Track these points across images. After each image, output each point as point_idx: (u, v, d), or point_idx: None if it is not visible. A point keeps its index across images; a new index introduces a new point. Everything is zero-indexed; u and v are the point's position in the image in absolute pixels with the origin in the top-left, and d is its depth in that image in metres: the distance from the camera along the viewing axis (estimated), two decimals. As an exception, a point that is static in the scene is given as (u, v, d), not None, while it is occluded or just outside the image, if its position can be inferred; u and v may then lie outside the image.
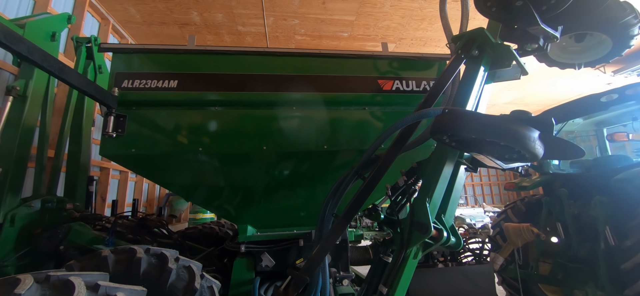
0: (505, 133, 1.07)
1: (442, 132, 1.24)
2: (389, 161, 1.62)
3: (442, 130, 1.23)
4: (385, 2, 5.84)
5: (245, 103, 2.06)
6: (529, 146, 1.07)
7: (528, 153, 1.11)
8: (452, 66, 1.71)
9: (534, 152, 1.10)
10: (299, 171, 2.22)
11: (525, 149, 1.09)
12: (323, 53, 2.16)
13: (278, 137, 2.03)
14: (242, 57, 2.11)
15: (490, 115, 1.16)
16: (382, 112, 2.18)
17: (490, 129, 1.09)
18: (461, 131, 1.17)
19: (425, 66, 2.31)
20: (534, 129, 1.08)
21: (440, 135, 1.28)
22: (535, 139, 1.08)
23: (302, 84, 2.10)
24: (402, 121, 1.52)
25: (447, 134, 1.25)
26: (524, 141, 1.06)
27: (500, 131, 1.08)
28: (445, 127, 1.21)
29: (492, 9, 1.63)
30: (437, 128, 1.25)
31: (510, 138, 1.07)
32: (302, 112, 2.09)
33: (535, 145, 1.09)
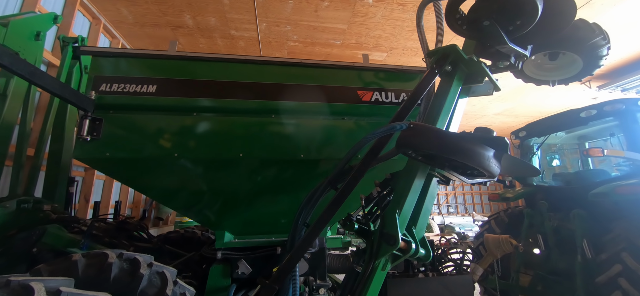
0: (461, 151, 1.09)
1: (406, 146, 1.26)
2: (361, 172, 1.64)
3: (406, 145, 1.25)
4: (377, 13, 5.93)
5: (223, 110, 2.06)
6: (484, 164, 1.10)
7: (484, 171, 1.14)
8: (426, 80, 1.74)
9: (489, 170, 1.13)
10: (276, 179, 2.22)
11: (480, 167, 1.11)
12: (302, 62, 2.19)
13: (255, 145, 2.04)
14: (220, 64, 2.12)
15: (450, 133, 1.19)
16: (361, 123, 2.21)
17: (448, 147, 1.11)
18: (421, 147, 1.20)
19: (405, 78, 2.35)
20: (490, 148, 1.11)
21: (405, 149, 1.30)
22: (490, 158, 1.11)
23: (281, 92, 2.12)
24: (373, 134, 1.55)
25: (411, 149, 1.28)
26: (478, 160, 1.09)
27: (456, 149, 1.10)
28: (408, 142, 1.23)
29: (463, 27, 1.67)
30: (401, 143, 1.27)
31: (466, 156, 1.10)
32: (280, 121, 2.10)
33: (490, 164, 1.12)
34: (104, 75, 2.02)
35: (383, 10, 5.86)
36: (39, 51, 3.23)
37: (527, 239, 3.93)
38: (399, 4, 5.73)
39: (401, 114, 1.71)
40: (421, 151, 1.26)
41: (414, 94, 1.74)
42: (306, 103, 2.14)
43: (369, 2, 5.73)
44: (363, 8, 5.83)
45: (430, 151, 1.18)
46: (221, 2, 5.62)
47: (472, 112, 11.68)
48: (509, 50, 1.61)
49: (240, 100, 2.09)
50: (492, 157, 1.12)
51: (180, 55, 2.09)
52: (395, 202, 1.66)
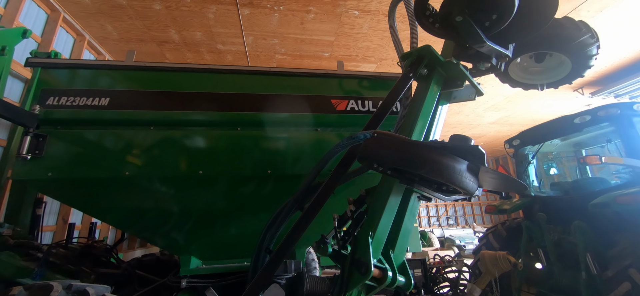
0: (428, 165, 0.90)
1: (367, 159, 1.08)
2: (329, 190, 1.44)
3: (366, 157, 1.07)
4: (363, 24, 5.87)
5: (182, 123, 1.89)
6: (456, 179, 0.91)
7: (458, 188, 0.95)
8: (399, 86, 1.58)
9: (463, 186, 0.94)
10: (243, 197, 2.02)
11: (452, 183, 0.92)
12: (270, 70, 2.03)
13: (218, 161, 1.85)
14: (180, 74, 1.96)
15: (416, 143, 1.01)
16: (335, 134, 2.03)
17: (413, 160, 0.93)
18: (384, 160, 1.01)
19: (383, 85, 2.19)
20: (461, 160, 0.92)
21: (368, 162, 1.12)
22: (463, 172, 0.92)
23: (248, 103, 1.95)
24: (338, 146, 1.37)
25: (373, 162, 1.09)
26: (449, 174, 0.90)
27: (422, 162, 0.91)
28: (369, 154, 1.05)
29: (435, 25, 1.52)
30: (362, 154, 1.09)
31: (434, 171, 0.90)
32: (247, 134, 1.92)
33: (463, 179, 0.92)
34: (53, 88, 1.85)
35: (369, 21, 5.81)
36: (5, 65, 3.07)
37: (527, 254, 3.69)
38: (385, 14, 5.68)
39: (372, 124, 1.53)
40: (385, 164, 1.07)
41: (386, 101, 1.57)
42: (275, 114, 1.96)
43: (354, 13, 5.69)
44: (349, 19, 5.79)
45: (393, 164, 1.00)
46: (206, 16, 5.56)
47: (467, 122, 11.59)
48: (488, 49, 1.46)
49: (201, 112, 1.91)
50: (466, 171, 0.94)
51: (136, 65, 1.93)
52: (368, 223, 1.46)
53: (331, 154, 1.42)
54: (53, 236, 5.01)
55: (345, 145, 1.32)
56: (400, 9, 2.10)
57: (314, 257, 3.27)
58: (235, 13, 5.52)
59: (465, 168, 0.93)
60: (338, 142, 1.37)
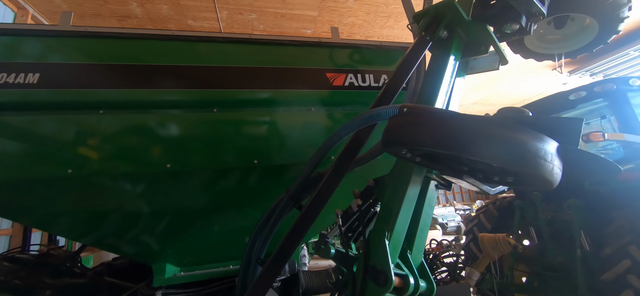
0: (502, 151, 0.63)
1: (399, 143, 0.79)
2: (333, 183, 1.15)
3: (399, 141, 0.78)
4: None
5: (142, 104, 1.49)
6: (542, 169, 0.63)
7: (538, 179, 0.68)
8: (415, 50, 1.28)
9: (548, 178, 0.67)
10: (225, 193, 1.69)
11: (535, 175, 0.66)
12: (252, 38, 1.66)
13: (190, 151, 1.49)
14: (137, 42, 1.54)
15: (470, 116, 0.72)
16: (333, 115, 1.72)
17: (475, 145, 0.64)
18: (426, 143, 0.73)
19: (385, 57, 1.89)
20: (549, 140, 0.65)
21: (397, 148, 0.83)
22: (553, 156, 0.65)
23: (225, 78, 1.58)
24: (347, 126, 1.06)
25: (406, 147, 0.81)
26: (533, 163, 0.62)
27: (492, 149, 0.63)
28: (403, 136, 0.77)
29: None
30: (391, 138, 0.81)
31: (511, 159, 0.63)
32: (225, 116, 1.56)
33: (553, 168, 0.65)
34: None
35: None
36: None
37: (519, 232, 3.66)
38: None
39: (384, 99, 1.24)
40: (423, 148, 0.79)
41: (399, 71, 1.27)
42: (260, 91, 1.61)
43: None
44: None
45: (442, 149, 0.71)
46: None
47: (450, 102, 11.61)
48: (524, 3, 1.19)
49: (166, 90, 1.52)
50: (556, 155, 0.66)
51: (74, 31, 1.48)
52: (382, 221, 1.19)
53: (337, 138, 1.12)
54: (9, 242, 4.39)
55: (357, 126, 1.02)
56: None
57: (302, 245, 3.02)
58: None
59: (556, 152, 0.66)
60: (344, 124, 1.07)
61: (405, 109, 0.83)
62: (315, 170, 1.24)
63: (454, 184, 1.31)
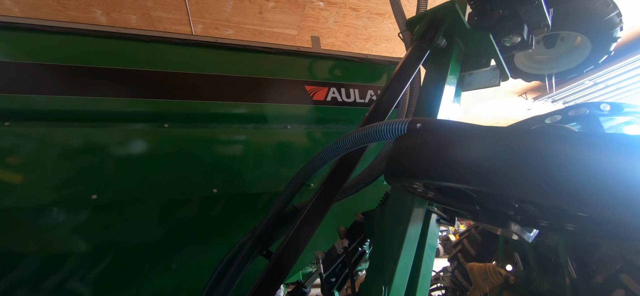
0: (613, 193, 0.37)
1: (413, 176, 0.54)
2: (315, 221, 0.88)
3: (412, 172, 0.53)
4: (329, 18, 5.43)
5: (62, 115, 1.15)
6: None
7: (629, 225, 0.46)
8: (411, 60, 1.08)
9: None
10: (176, 227, 1.35)
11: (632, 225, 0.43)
12: (216, 42, 1.40)
13: (127, 176, 1.15)
14: (51, 36, 1.21)
15: (539, 134, 0.47)
16: (312, 133, 1.47)
17: (559, 184, 0.38)
18: (462, 177, 0.47)
19: (371, 71, 1.70)
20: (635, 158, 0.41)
21: (408, 181, 0.59)
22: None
23: (182, 86, 1.28)
24: (334, 148, 0.81)
25: (424, 180, 0.55)
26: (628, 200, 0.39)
27: (598, 191, 0.37)
28: (420, 166, 0.51)
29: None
30: (400, 167, 0.56)
31: (621, 202, 0.37)
32: (179, 133, 1.26)
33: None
34: None
35: (335, 15, 5.39)
36: None
37: (505, 259, 3.53)
38: (352, 8, 5.32)
39: (376, 115, 1.01)
40: (452, 184, 0.53)
41: (393, 84, 1.06)
42: (225, 104, 1.33)
43: (319, 5, 5.22)
44: (314, 11, 5.30)
45: (491, 187, 0.46)
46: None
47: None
48: (533, 10, 1.04)
49: (99, 98, 1.19)
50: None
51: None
52: (377, 271, 0.92)
53: (317, 165, 0.86)
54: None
55: (345, 148, 0.77)
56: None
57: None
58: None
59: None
60: (330, 145, 0.81)
61: (419, 124, 0.59)
62: (290, 203, 0.97)
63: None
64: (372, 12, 5.82)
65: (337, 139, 0.76)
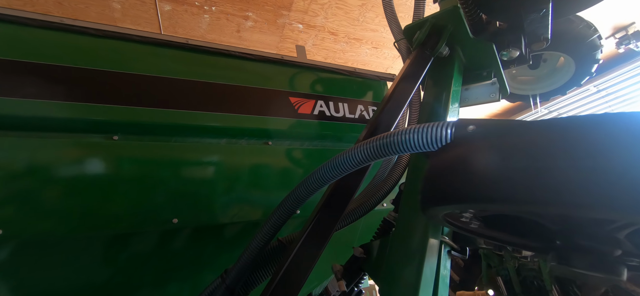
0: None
1: (470, 199, 0.37)
2: (308, 260, 0.67)
3: (469, 195, 0.36)
4: (308, 40, 5.44)
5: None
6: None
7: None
8: (414, 67, 0.96)
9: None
10: (118, 274, 1.05)
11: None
12: (185, 43, 1.20)
13: (55, 205, 0.87)
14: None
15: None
16: (296, 151, 1.28)
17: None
18: (569, 200, 0.32)
19: (359, 86, 1.58)
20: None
21: (459, 206, 0.42)
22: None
23: (138, 90, 1.05)
24: (335, 165, 0.62)
25: (491, 206, 0.38)
26: None
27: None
28: (484, 186, 0.34)
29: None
30: (448, 189, 0.40)
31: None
32: (131, 147, 1.00)
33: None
34: None
35: (314, 37, 5.43)
36: None
37: (488, 284, 3.45)
38: (331, 32, 5.39)
39: (379, 129, 0.85)
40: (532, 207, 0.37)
41: (396, 93, 0.92)
42: (191, 114, 1.11)
43: (299, 27, 5.23)
44: (293, 33, 5.29)
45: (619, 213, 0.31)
46: (109, 5, 4.27)
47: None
48: (538, 20, 0.98)
49: (24, 100, 0.92)
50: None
51: None
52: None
53: (312, 187, 0.66)
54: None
55: (350, 164, 0.58)
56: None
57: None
58: (153, 7, 4.40)
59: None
60: (333, 161, 0.63)
61: (472, 126, 0.42)
62: (274, 237, 0.75)
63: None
64: (350, 37, 5.94)
65: (342, 152, 0.58)
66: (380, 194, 0.97)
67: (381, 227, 1.08)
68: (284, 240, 0.85)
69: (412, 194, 0.86)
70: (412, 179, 0.90)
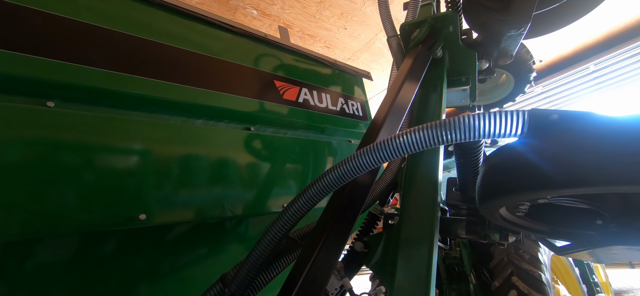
0: None
1: (556, 185, 0.37)
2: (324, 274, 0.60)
3: (557, 180, 0.36)
4: (260, 28, 5.19)
5: None
6: None
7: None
8: (418, 62, 0.97)
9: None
10: (72, 285, 0.78)
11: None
12: (162, 2, 0.96)
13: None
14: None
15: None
16: (280, 140, 1.17)
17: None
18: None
19: (340, 79, 1.55)
20: None
21: (536, 194, 0.40)
22: None
23: (102, 52, 0.79)
24: (351, 162, 0.57)
25: (574, 190, 0.38)
26: None
27: None
28: (580, 170, 0.35)
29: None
30: (524, 178, 0.39)
31: None
32: (75, 118, 0.75)
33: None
34: None
35: (267, 27, 5.20)
36: None
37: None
38: (285, 24, 5.27)
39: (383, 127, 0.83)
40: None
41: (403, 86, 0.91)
42: (161, 85, 0.89)
43: (253, 13, 4.94)
44: (245, 19, 4.94)
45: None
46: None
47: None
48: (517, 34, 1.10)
49: None
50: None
51: None
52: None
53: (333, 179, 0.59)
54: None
55: (400, 150, 0.53)
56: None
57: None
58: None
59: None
60: (364, 149, 0.57)
61: (556, 116, 0.43)
62: (287, 233, 0.65)
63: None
64: (304, 32, 5.89)
65: (388, 137, 0.53)
66: (376, 193, 0.97)
67: (367, 221, 1.07)
68: (295, 236, 0.75)
69: (416, 191, 0.87)
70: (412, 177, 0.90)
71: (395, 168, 1.05)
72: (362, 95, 1.65)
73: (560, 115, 0.44)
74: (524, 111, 0.46)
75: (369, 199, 0.92)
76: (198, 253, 1.04)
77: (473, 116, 0.47)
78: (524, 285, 2.52)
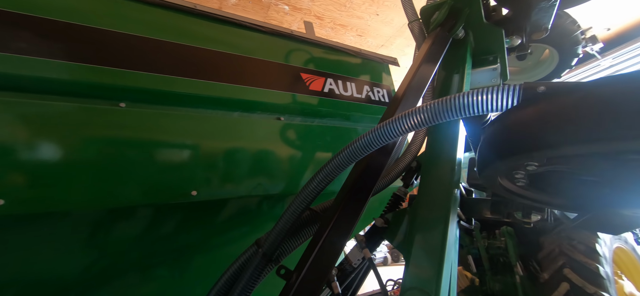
0: None
1: (547, 145, 0.41)
2: (346, 226, 0.69)
3: (548, 141, 0.40)
4: (293, 23, 5.31)
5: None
6: None
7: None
8: (436, 44, 0.99)
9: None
10: (140, 246, 0.99)
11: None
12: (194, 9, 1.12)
13: (57, 175, 0.80)
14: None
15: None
16: (307, 127, 1.28)
17: None
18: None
19: (365, 67, 1.59)
20: None
21: (533, 155, 0.45)
22: None
23: (144, 56, 0.97)
24: (362, 141, 0.63)
25: (568, 146, 0.42)
26: None
27: None
28: (566, 131, 0.39)
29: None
30: (524, 141, 0.43)
31: None
32: (142, 115, 0.94)
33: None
34: None
35: (299, 21, 5.31)
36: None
37: (459, 263, 3.73)
38: (317, 16, 5.31)
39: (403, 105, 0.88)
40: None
41: (421, 69, 0.94)
42: (205, 83, 1.05)
43: (284, 8, 5.09)
44: (278, 15, 5.13)
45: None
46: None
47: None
48: (544, 9, 1.05)
49: (23, 57, 0.82)
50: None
51: None
52: (420, 281, 0.76)
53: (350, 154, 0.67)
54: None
55: (408, 126, 0.59)
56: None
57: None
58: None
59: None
60: (375, 129, 0.64)
61: (542, 88, 0.47)
62: (309, 206, 0.76)
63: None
64: (336, 22, 5.88)
65: (397, 115, 0.60)
66: (397, 171, 1.01)
67: (392, 201, 1.13)
68: (318, 209, 0.85)
69: (434, 169, 0.90)
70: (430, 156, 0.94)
71: (415, 150, 1.08)
72: (389, 81, 1.68)
73: (547, 86, 0.46)
74: (516, 85, 0.49)
75: (383, 182, 0.97)
76: (240, 230, 1.20)
77: (469, 93, 0.51)
78: (578, 277, 2.31)
